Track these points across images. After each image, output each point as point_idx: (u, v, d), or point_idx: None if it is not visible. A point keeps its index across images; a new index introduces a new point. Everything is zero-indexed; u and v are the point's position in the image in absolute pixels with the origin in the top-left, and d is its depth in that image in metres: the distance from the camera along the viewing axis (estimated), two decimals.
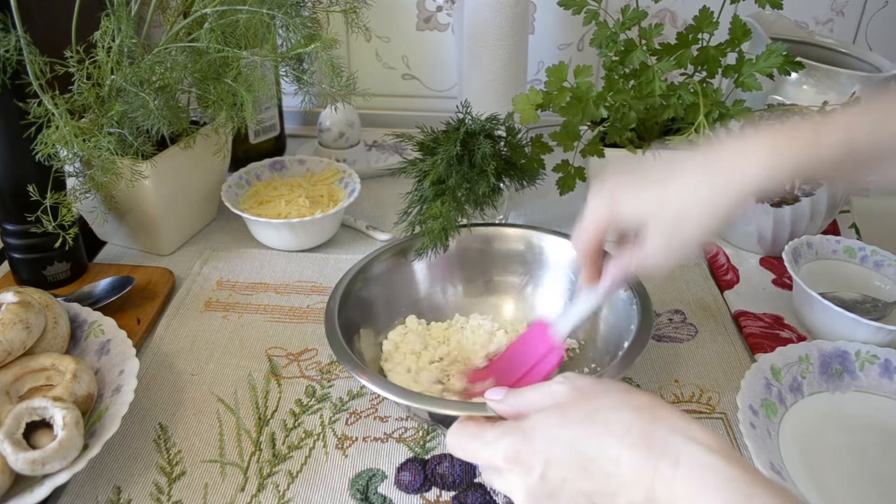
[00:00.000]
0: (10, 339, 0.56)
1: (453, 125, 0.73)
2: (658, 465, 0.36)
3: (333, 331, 0.59)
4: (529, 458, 0.40)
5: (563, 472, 0.39)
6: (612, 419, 0.39)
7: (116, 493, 0.55)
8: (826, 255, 0.76)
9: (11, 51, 0.63)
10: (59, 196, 0.69)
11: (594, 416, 0.39)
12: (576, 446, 0.39)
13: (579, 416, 0.40)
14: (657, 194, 0.49)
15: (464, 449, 0.44)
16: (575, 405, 0.41)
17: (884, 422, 0.62)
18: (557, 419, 0.40)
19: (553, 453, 0.39)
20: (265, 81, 0.74)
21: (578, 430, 0.39)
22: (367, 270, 0.67)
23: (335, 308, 0.61)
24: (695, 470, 0.35)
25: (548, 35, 1.09)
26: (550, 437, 0.40)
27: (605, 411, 0.39)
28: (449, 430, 0.45)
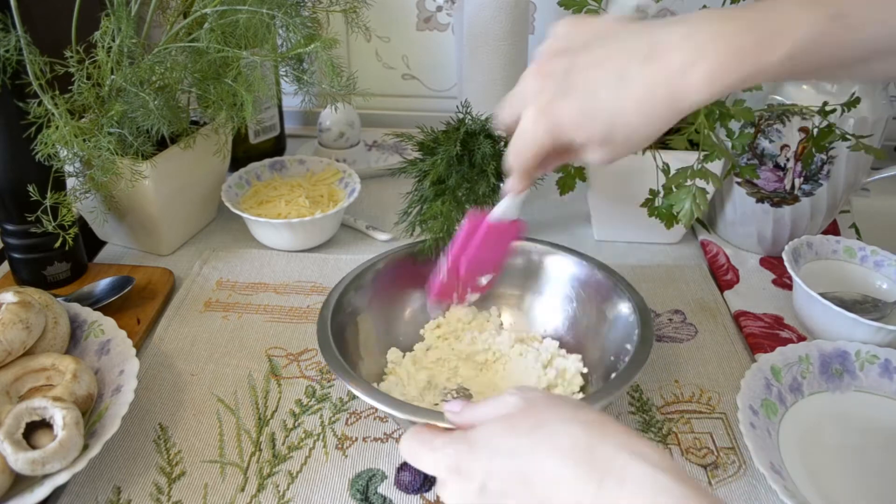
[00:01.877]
0: (10, 339, 0.56)
1: (453, 125, 0.73)
2: (602, 484, 0.34)
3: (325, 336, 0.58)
4: (470, 468, 0.38)
5: (502, 485, 0.37)
6: (558, 432, 0.37)
7: (116, 493, 0.55)
8: (826, 255, 0.76)
9: (11, 51, 0.63)
10: (59, 196, 0.69)
11: (540, 427, 0.38)
12: (517, 458, 0.37)
13: (525, 427, 0.38)
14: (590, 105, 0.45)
15: (413, 453, 0.43)
16: (522, 416, 0.39)
17: (884, 422, 0.62)
18: (502, 429, 0.39)
19: (494, 465, 0.38)
20: (265, 81, 0.74)
21: (522, 440, 0.38)
22: (362, 277, 0.66)
23: (328, 316, 0.60)
24: (642, 488, 0.34)
25: None
26: (493, 448, 0.38)
27: (552, 424, 0.38)
28: (403, 436, 0.44)
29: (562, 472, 0.36)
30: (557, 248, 0.70)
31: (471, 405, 0.44)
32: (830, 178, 0.75)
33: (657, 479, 0.34)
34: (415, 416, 0.50)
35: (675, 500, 0.33)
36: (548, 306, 0.69)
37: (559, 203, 0.93)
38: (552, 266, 0.70)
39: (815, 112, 0.70)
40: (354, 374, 0.55)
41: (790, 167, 0.76)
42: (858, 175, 0.77)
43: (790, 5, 0.41)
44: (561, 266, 0.69)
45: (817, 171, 0.75)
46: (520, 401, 0.40)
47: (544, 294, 0.70)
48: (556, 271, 0.69)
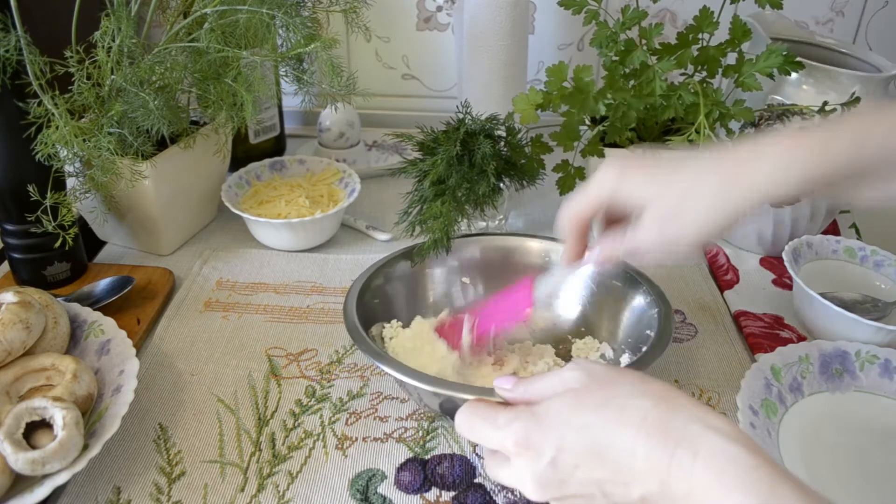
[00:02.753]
0: (10, 339, 0.56)
1: (453, 125, 0.73)
2: (675, 455, 0.35)
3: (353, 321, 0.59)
4: (541, 443, 0.39)
5: (574, 458, 0.38)
6: (627, 406, 0.38)
7: (116, 493, 0.55)
8: (826, 255, 0.76)
9: (11, 51, 0.63)
10: (59, 196, 0.69)
11: (609, 402, 0.38)
12: (589, 432, 0.38)
13: (593, 402, 0.39)
14: (665, 178, 0.48)
15: (473, 429, 0.43)
16: (589, 391, 0.40)
17: (884, 422, 0.62)
18: (571, 404, 0.39)
19: (565, 438, 0.38)
20: (265, 81, 0.74)
21: (592, 416, 0.38)
22: (383, 272, 0.67)
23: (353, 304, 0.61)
24: (714, 460, 0.34)
25: (548, 35, 1.09)
26: (563, 423, 0.39)
27: (621, 398, 0.38)
28: (459, 410, 0.44)
29: (634, 443, 0.36)
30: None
31: (524, 381, 0.44)
32: None
33: (728, 449, 0.34)
34: (463, 394, 0.49)
35: (747, 471, 0.33)
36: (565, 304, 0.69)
37: (559, 203, 0.93)
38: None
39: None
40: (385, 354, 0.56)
41: None
42: None
43: None
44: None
45: None
46: (583, 375, 0.41)
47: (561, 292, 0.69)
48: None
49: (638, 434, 0.36)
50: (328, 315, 0.74)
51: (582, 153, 0.78)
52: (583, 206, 0.52)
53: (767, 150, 0.45)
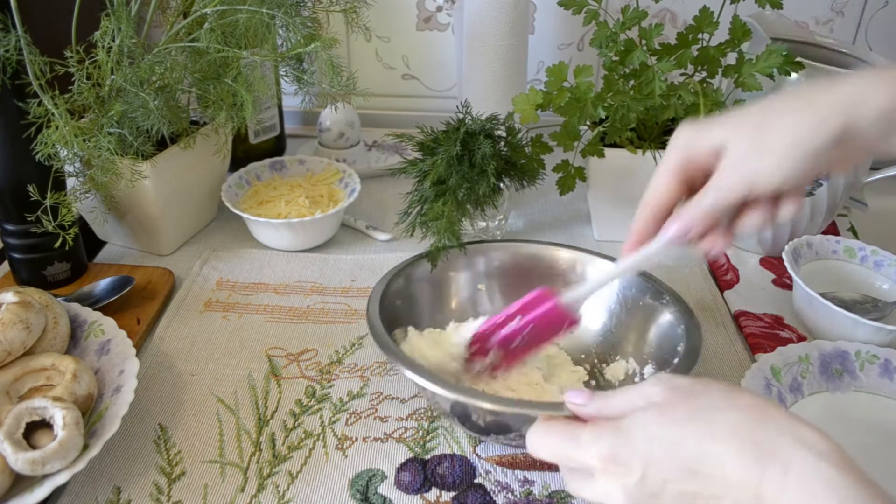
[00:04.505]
0: (10, 339, 0.56)
1: (453, 125, 0.73)
2: (767, 470, 0.34)
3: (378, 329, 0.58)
4: (629, 459, 0.38)
5: (664, 472, 0.37)
6: (716, 419, 0.37)
7: (116, 493, 0.55)
8: (826, 255, 0.76)
9: (11, 51, 0.63)
10: (59, 196, 0.69)
11: (696, 415, 0.37)
12: (678, 446, 0.37)
13: (680, 415, 0.38)
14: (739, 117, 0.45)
15: (553, 449, 0.41)
16: (674, 405, 0.39)
17: (884, 422, 0.62)
18: (657, 418, 0.38)
19: (654, 453, 0.37)
20: (265, 81, 0.74)
21: (680, 429, 0.37)
22: (407, 274, 0.66)
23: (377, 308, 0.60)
24: (806, 478, 0.33)
25: (548, 35, 1.09)
26: (650, 437, 0.38)
27: (709, 411, 0.37)
28: (531, 429, 0.43)
29: (725, 456, 0.35)
30: (597, 256, 0.69)
31: (599, 395, 0.43)
32: (830, 178, 0.75)
33: (820, 468, 0.33)
34: (533, 411, 0.48)
35: (838, 492, 0.33)
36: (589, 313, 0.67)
37: (559, 203, 0.93)
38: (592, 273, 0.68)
39: None
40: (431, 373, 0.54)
41: None
42: (858, 175, 0.77)
43: None
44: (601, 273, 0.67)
45: None
46: (665, 389, 0.40)
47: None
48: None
49: (729, 446, 0.35)
50: (328, 315, 0.74)
51: (582, 153, 0.78)
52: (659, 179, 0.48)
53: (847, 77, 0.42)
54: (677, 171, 0.48)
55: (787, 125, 0.43)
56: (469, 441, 0.59)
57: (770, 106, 0.45)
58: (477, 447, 0.59)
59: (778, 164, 0.43)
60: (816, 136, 0.42)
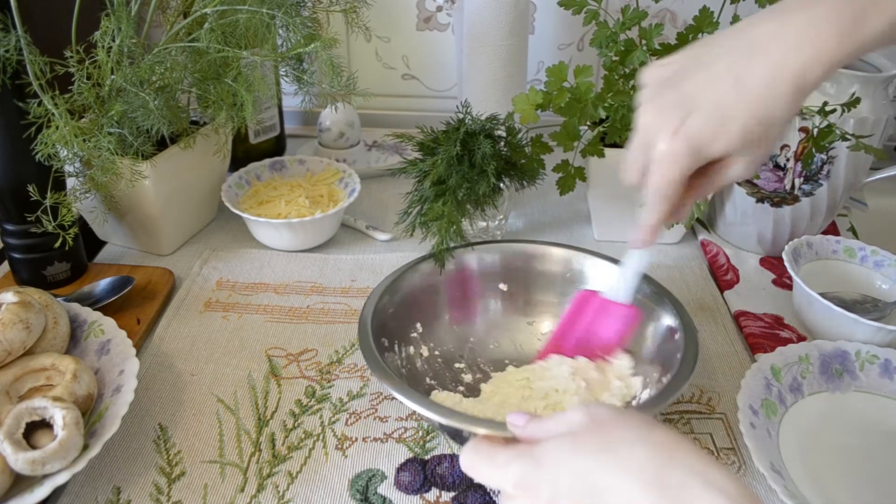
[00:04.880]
0: (10, 339, 0.56)
1: (453, 125, 0.73)
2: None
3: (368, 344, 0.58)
4: (537, 485, 0.38)
5: (569, 501, 0.37)
6: (626, 454, 0.37)
7: (116, 493, 0.55)
8: (826, 255, 0.76)
9: (11, 51, 0.63)
10: (59, 196, 0.69)
11: (608, 448, 0.37)
12: (585, 476, 0.37)
13: (591, 446, 0.38)
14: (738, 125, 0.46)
15: (475, 469, 0.42)
16: (588, 435, 0.39)
17: (884, 422, 0.62)
18: (569, 447, 0.39)
19: (561, 482, 0.37)
20: (265, 81, 0.74)
21: (590, 460, 0.37)
22: (402, 279, 0.66)
23: (368, 319, 0.60)
24: None
25: (548, 35, 1.09)
26: (559, 465, 0.38)
27: (620, 445, 0.37)
28: (463, 448, 0.44)
29: (631, 491, 0.35)
30: (597, 256, 0.69)
31: (536, 419, 0.43)
32: (830, 178, 0.75)
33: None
34: (476, 427, 0.49)
35: None
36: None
37: (559, 203, 0.93)
38: (592, 274, 0.69)
39: (815, 112, 0.70)
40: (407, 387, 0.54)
41: (790, 167, 0.76)
42: (858, 175, 0.77)
43: None
44: (601, 273, 0.68)
45: (817, 171, 0.75)
46: (585, 418, 0.40)
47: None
48: (597, 278, 0.68)
49: (635, 482, 0.35)
50: (328, 315, 0.74)
51: (582, 153, 0.78)
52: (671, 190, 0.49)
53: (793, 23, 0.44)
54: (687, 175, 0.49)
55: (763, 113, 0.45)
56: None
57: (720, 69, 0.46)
58: None
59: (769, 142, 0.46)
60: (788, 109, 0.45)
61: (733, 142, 0.46)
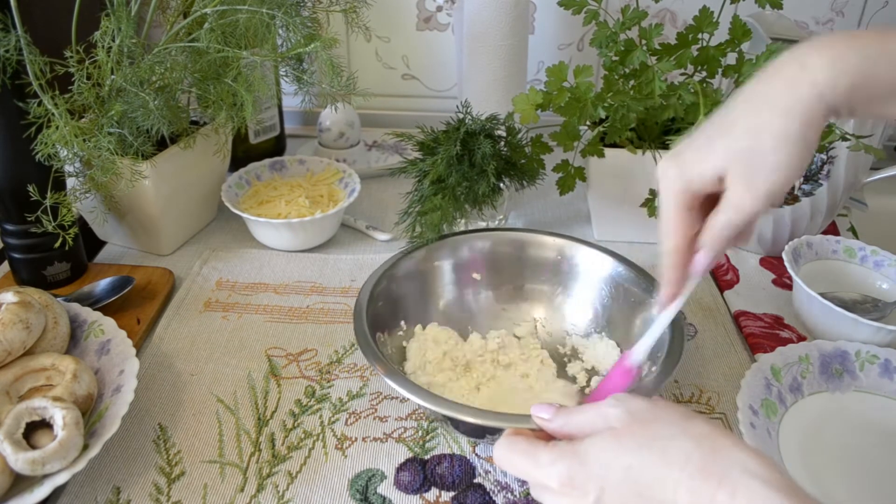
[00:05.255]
0: (10, 339, 0.56)
1: (453, 125, 0.73)
2: (716, 495, 0.35)
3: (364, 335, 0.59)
4: (584, 484, 0.39)
5: (619, 496, 0.38)
6: (669, 448, 0.38)
7: (116, 493, 0.55)
8: (826, 255, 0.76)
9: (11, 51, 0.63)
10: (59, 196, 0.69)
11: (651, 443, 0.39)
12: (632, 473, 0.38)
13: (636, 443, 0.39)
14: (726, 141, 0.45)
15: (515, 466, 0.43)
16: (631, 431, 0.40)
17: (884, 422, 0.62)
18: (613, 444, 0.40)
19: (608, 479, 0.39)
20: (265, 81, 0.74)
21: (635, 457, 0.38)
22: (394, 269, 0.67)
23: (363, 309, 0.61)
24: (752, 502, 0.35)
25: (548, 35, 1.09)
26: (605, 463, 0.39)
27: (664, 439, 0.39)
28: (497, 443, 0.44)
29: (677, 484, 0.37)
30: (590, 245, 0.70)
31: (563, 411, 0.44)
32: (830, 178, 0.75)
33: (765, 493, 0.35)
34: (502, 423, 0.50)
35: None
36: (579, 302, 0.70)
37: (559, 203, 0.93)
38: (585, 262, 0.70)
39: None
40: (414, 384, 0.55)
41: None
42: (858, 175, 0.77)
43: None
44: (595, 262, 0.69)
45: (817, 171, 0.75)
46: (623, 413, 0.41)
47: (575, 289, 0.70)
48: (588, 267, 0.70)
49: (681, 475, 0.37)
50: (328, 315, 0.74)
51: (582, 153, 0.78)
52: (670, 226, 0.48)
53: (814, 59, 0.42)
54: (683, 209, 0.47)
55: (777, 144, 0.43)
56: (468, 441, 0.59)
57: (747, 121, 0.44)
58: (476, 447, 0.59)
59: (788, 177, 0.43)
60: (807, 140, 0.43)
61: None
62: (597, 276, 0.69)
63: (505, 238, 0.72)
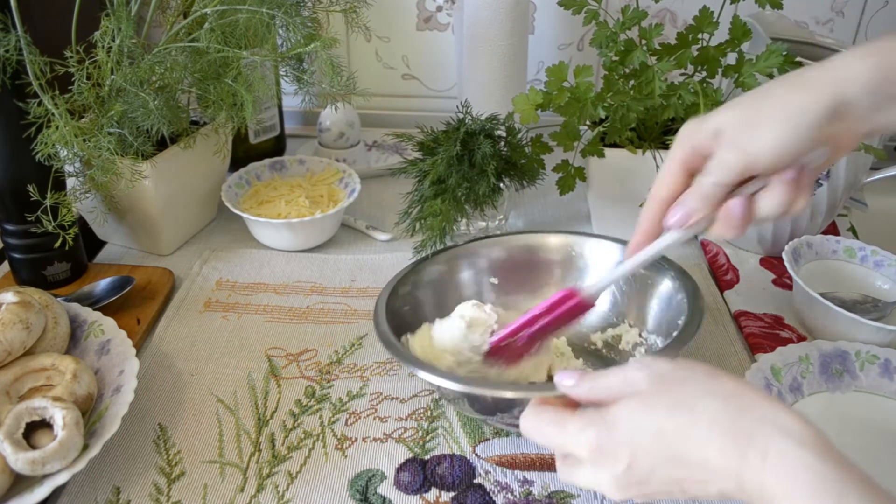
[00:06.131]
0: (10, 339, 0.56)
1: (453, 125, 0.73)
2: (746, 456, 0.35)
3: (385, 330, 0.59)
4: (616, 449, 0.39)
5: (650, 461, 0.38)
6: (698, 408, 0.38)
7: (116, 493, 0.55)
8: (826, 255, 0.76)
9: (11, 51, 0.63)
10: (59, 196, 0.69)
11: (679, 404, 0.38)
12: (663, 436, 0.38)
13: (663, 405, 0.39)
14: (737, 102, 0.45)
15: (544, 435, 0.43)
16: (658, 394, 0.40)
17: (884, 422, 0.62)
18: (641, 408, 0.39)
19: (639, 443, 0.38)
20: (265, 81, 0.74)
21: (664, 419, 0.38)
22: (415, 274, 0.67)
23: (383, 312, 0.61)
24: (783, 464, 0.34)
25: (548, 35, 1.09)
26: (635, 427, 0.39)
27: (691, 400, 0.38)
28: (524, 414, 0.44)
29: (708, 443, 0.36)
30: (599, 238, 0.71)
31: (587, 376, 0.43)
32: (830, 178, 0.75)
33: (798, 454, 0.34)
34: (526, 393, 0.49)
35: (814, 478, 0.33)
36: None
37: (559, 203, 0.93)
38: (594, 255, 0.70)
39: None
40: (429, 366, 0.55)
41: None
42: (858, 175, 0.77)
43: None
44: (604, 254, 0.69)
45: None
46: (649, 377, 0.40)
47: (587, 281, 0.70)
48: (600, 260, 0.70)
49: (710, 434, 0.36)
50: (328, 315, 0.74)
51: (582, 153, 0.78)
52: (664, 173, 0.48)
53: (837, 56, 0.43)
54: (681, 161, 0.47)
55: (778, 102, 0.44)
56: (468, 441, 0.59)
57: (764, 89, 0.45)
58: (476, 447, 0.59)
59: (772, 138, 0.43)
60: (808, 109, 0.42)
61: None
62: (610, 265, 0.69)
63: (517, 242, 0.72)
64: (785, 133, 0.43)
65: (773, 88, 0.45)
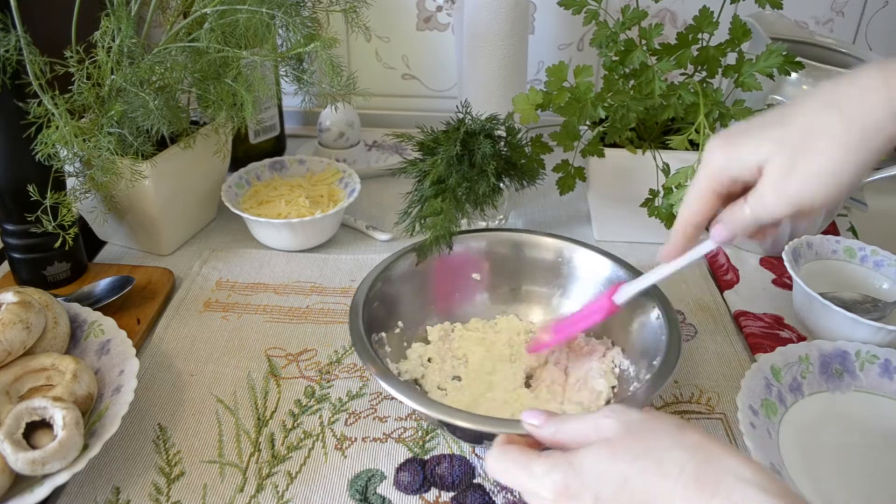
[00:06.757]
0: (10, 339, 0.56)
1: (453, 125, 0.73)
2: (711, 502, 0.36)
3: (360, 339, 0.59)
4: (580, 493, 0.39)
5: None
6: (664, 459, 0.38)
7: (115, 493, 0.55)
8: (826, 255, 0.76)
9: (11, 51, 0.63)
10: (59, 196, 0.69)
11: (647, 454, 0.39)
12: (628, 484, 0.38)
13: (630, 454, 0.39)
14: (778, 131, 0.44)
15: (509, 477, 0.43)
16: (625, 443, 0.40)
17: (884, 422, 0.62)
18: (608, 455, 0.39)
19: (604, 489, 0.38)
20: (265, 81, 0.74)
21: (630, 467, 0.38)
22: (389, 271, 0.67)
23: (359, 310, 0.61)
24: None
25: (548, 35, 1.09)
26: (600, 473, 0.39)
27: (658, 451, 0.39)
28: (489, 453, 0.44)
29: (672, 494, 0.37)
30: (588, 247, 0.70)
31: (553, 418, 0.44)
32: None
33: (758, 498, 0.35)
34: (489, 428, 0.50)
35: None
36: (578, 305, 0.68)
37: (559, 203, 0.93)
38: (583, 265, 0.70)
39: None
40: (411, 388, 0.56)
41: None
42: None
43: None
44: (593, 264, 0.69)
45: None
46: (617, 424, 0.41)
47: (573, 291, 0.70)
48: (587, 269, 0.70)
49: (676, 485, 0.37)
50: (328, 315, 0.74)
51: (582, 153, 0.78)
52: (694, 198, 0.49)
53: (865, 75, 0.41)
54: (714, 189, 0.48)
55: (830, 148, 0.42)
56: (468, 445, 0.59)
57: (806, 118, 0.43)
58: (476, 447, 0.59)
59: (824, 190, 0.43)
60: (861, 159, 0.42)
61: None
62: (595, 278, 0.69)
63: (505, 239, 0.72)
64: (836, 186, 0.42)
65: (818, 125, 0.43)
